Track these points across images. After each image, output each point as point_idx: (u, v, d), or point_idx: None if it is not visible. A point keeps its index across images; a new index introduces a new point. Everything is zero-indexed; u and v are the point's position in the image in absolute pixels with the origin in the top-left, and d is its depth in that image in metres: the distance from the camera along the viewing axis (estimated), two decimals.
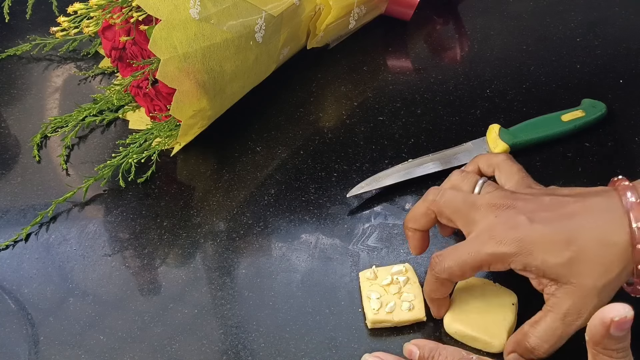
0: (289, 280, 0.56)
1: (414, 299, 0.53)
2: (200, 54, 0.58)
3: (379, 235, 0.59)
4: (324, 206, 0.62)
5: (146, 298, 0.56)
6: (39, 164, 0.67)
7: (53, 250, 0.59)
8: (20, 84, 0.75)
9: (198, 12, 0.58)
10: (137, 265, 0.58)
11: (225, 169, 0.65)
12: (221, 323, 0.54)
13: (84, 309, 0.55)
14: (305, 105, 0.71)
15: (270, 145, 0.67)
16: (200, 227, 0.60)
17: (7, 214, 0.62)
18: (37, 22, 0.80)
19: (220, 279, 0.57)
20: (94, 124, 0.70)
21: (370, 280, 0.55)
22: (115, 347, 0.53)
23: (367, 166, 0.65)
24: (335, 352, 0.52)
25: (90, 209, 0.62)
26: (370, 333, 0.53)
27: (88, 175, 0.64)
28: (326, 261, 0.58)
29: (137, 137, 0.65)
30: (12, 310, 0.55)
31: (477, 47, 0.77)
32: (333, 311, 0.54)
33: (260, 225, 0.60)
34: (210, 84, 0.60)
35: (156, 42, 0.56)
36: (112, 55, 0.65)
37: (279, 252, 0.59)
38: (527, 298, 0.54)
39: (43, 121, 0.70)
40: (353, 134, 0.68)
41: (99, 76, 0.75)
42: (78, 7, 0.61)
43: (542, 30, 0.78)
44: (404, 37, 0.79)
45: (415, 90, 0.72)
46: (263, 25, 0.62)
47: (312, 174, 0.64)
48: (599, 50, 0.75)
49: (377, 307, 0.52)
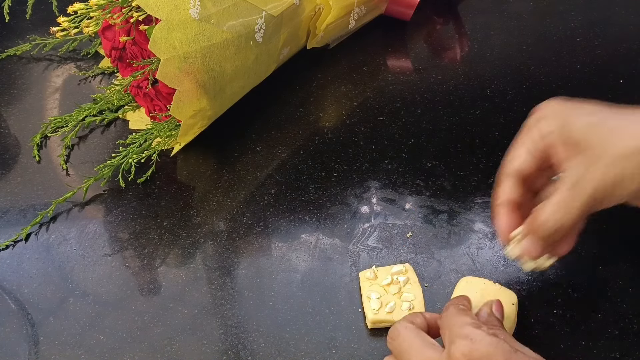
0: (289, 280, 0.56)
1: (414, 299, 0.53)
2: (200, 54, 0.58)
3: (379, 235, 0.59)
4: (324, 206, 0.62)
5: (146, 298, 0.56)
6: (39, 164, 0.67)
7: (53, 250, 0.59)
8: (20, 84, 0.75)
9: (198, 12, 0.58)
10: (137, 265, 0.58)
11: (225, 169, 0.65)
12: (221, 323, 0.54)
13: (84, 309, 0.55)
14: (305, 105, 0.71)
15: (270, 145, 0.67)
16: (200, 227, 0.60)
17: (7, 214, 0.62)
18: (37, 22, 0.80)
19: (220, 279, 0.57)
20: (94, 124, 0.70)
21: (370, 280, 0.55)
22: (115, 347, 0.53)
23: (367, 166, 0.65)
24: (335, 352, 0.52)
25: (90, 209, 0.62)
26: (370, 333, 0.53)
27: (88, 175, 0.64)
28: (326, 261, 0.58)
29: (137, 137, 0.65)
30: (12, 310, 0.55)
31: (477, 47, 0.77)
32: (333, 311, 0.54)
33: (260, 225, 0.60)
34: (210, 84, 0.60)
35: (156, 42, 0.56)
36: (112, 55, 0.65)
37: (279, 252, 0.59)
38: (527, 298, 0.54)
39: (43, 121, 0.70)
40: (353, 134, 0.68)
41: (99, 76, 0.75)
42: (78, 7, 0.61)
43: (542, 30, 0.78)
44: (404, 37, 0.79)
45: (415, 90, 0.72)
46: (263, 25, 0.62)
47: (312, 174, 0.64)
48: (599, 50, 0.75)
49: (377, 307, 0.52)
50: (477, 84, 0.72)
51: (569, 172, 0.45)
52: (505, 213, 0.49)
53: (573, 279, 0.55)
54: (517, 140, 0.49)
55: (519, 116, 0.68)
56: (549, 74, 0.73)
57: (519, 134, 0.49)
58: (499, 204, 0.49)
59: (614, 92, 0.70)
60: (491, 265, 0.57)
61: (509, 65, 0.74)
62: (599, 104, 0.47)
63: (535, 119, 0.49)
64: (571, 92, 0.70)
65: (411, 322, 0.46)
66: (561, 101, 0.48)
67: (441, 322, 0.45)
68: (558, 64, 0.74)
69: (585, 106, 0.47)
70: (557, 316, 0.53)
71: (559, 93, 0.70)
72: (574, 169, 0.45)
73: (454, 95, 0.71)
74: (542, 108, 0.49)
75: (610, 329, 0.52)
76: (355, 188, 0.63)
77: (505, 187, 0.49)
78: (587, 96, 0.68)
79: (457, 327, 0.43)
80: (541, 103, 0.49)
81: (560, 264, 0.53)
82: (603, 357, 0.50)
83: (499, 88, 0.72)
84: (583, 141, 0.45)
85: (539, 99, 0.70)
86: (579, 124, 0.46)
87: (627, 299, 0.54)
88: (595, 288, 0.54)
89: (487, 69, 0.74)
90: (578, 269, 0.56)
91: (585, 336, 0.52)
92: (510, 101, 0.70)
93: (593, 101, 0.48)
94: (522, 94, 0.71)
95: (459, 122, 0.68)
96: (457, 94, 0.71)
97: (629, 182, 0.43)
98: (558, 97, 0.48)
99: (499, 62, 0.75)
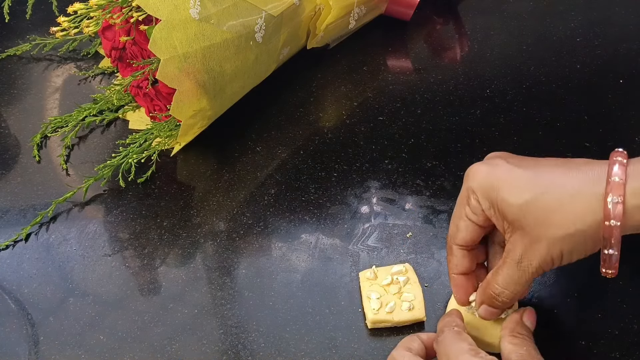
0: (289, 280, 0.56)
1: (414, 299, 0.53)
2: (200, 54, 0.58)
3: (379, 235, 0.59)
4: (324, 206, 0.62)
5: (146, 298, 0.56)
6: (39, 164, 0.67)
7: (53, 250, 0.59)
8: (20, 84, 0.75)
9: (198, 12, 0.57)
10: (137, 265, 0.58)
11: (225, 169, 0.65)
12: (221, 323, 0.54)
13: (84, 309, 0.55)
14: (305, 105, 0.71)
15: (270, 145, 0.67)
16: (200, 227, 0.60)
17: (7, 214, 0.62)
18: (37, 22, 0.80)
19: (220, 279, 0.57)
20: (94, 124, 0.70)
21: (370, 280, 0.55)
22: (115, 347, 0.53)
23: (367, 166, 0.65)
24: (335, 352, 0.52)
25: (90, 209, 0.62)
26: (370, 333, 0.53)
27: (88, 175, 0.64)
28: (326, 261, 0.58)
29: (137, 137, 0.65)
30: (12, 310, 0.55)
31: (477, 47, 0.77)
32: (333, 311, 0.54)
33: (260, 225, 0.60)
34: (210, 84, 0.60)
35: (156, 42, 0.56)
36: (112, 55, 0.65)
37: (279, 252, 0.58)
38: (527, 298, 0.54)
39: (43, 121, 0.70)
40: (353, 134, 0.68)
41: (99, 76, 0.75)
42: (78, 7, 0.61)
43: (542, 30, 0.78)
44: (404, 37, 0.79)
45: (415, 90, 0.72)
46: (263, 25, 0.62)
47: (312, 174, 0.64)
48: (599, 50, 0.75)
49: (377, 307, 0.52)
50: (477, 84, 0.72)
51: (512, 246, 0.46)
52: (460, 285, 0.50)
53: (573, 279, 0.55)
54: (456, 209, 0.49)
55: (519, 116, 0.68)
56: (549, 74, 0.73)
57: (458, 200, 0.49)
58: (454, 276, 0.50)
59: (614, 92, 0.70)
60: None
61: (509, 65, 0.74)
62: (521, 164, 0.46)
63: (466, 193, 0.48)
64: (571, 92, 0.70)
65: (408, 349, 0.46)
66: (485, 170, 0.47)
67: (438, 347, 0.46)
68: (558, 64, 0.74)
69: (509, 176, 0.46)
70: (557, 316, 0.53)
71: (559, 93, 0.71)
72: (517, 244, 0.45)
73: (454, 95, 0.71)
74: (469, 178, 0.48)
75: (610, 329, 0.52)
76: (355, 188, 0.63)
77: (456, 259, 0.50)
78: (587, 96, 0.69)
79: (454, 355, 0.44)
80: (469, 168, 0.48)
81: None
82: (603, 357, 0.50)
83: (499, 88, 0.72)
84: (518, 222, 0.45)
85: (539, 99, 0.71)
86: (510, 204, 0.45)
87: (627, 299, 0.54)
88: (596, 288, 0.54)
89: (487, 69, 0.74)
90: (578, 269, 0.56)
91: (585, 336, 0.52)
92: (510, 101, 0.70)
93: (514, 158, 0.47)
94: (522, 94, 0.71)
95: (459, 122, 0.68)
96: (457, 94, 0.71)
97: (574, 255, 0.45)
98: (482, 163, 0.48)
99: (499, 62, 0.75)
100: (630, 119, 0.67)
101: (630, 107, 0.68)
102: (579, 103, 0.69)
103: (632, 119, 0.67)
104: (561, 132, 0.67)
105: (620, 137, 0.65)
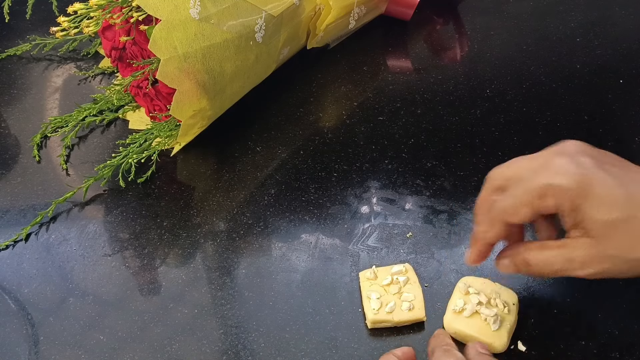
0: (289, 280, 0.56)
1: (414, 299, 0.53)
2: (200, 54, 0.58)
3: (379, 235, 0.59)
4: (324, 206, 0.62)
5: (146, 298, 0.56)
6: (39, 164, 0.67)
7: (53, 250, 0.59)
8: (20, 84, 0.75)
9: (198, 12, 0.58)
10: (137, 265, 0.58)
11: (225, 169, 0.65)
12: (221, 323, 0.54)
13: (84, 309, 0.55)
14: (305, 105, 0.71)
15: (270, 145, 0.67)
16: (200, 227, 0.60)
17: (7, 214, 0.62)
18: (37, 22, 0.80)
19: (220, 279, 0.57)
20: (94, 124, 0.70)
21: (370, 280, 0.55)
22: (115, 347, 0.53)
23: (367, 166, 0.65)
24: (335, 352, 0.52)
25: (90, 209, 0.62)
26: (370, 333, 0.53)
27: (88, 175, 0.64)
28: (326, 261, 0.58)
29: (137, 137, 0.65)
30: (12, 310, 0.55)
31: (477, 47, 0.77)
32: (333, 311, 0.54)
33: (260, 225, 0.60)
34: (210, 84, 0.60)
35: (156, 42, 0.56)
36: (112, 55, 0.65)
37: (279, 252, 0.59)
38: (527, 298, 0.54)
39: (43, 121, 0.70)
40: (353, 134, 0.68)
41: (99, 76, 0.75)
42: (78, 7, 0.61)
43: (542, 30, 0.78)
44: (404, 37, 0.79)
45: (415, 90, 0.72)
46: (263, 25, 0.62)
47: (312, 174, 0.64)
48: (599, 50, 0.75)
49: (377, 307, 0.52)
50: (477, 84, 0.72)
51: (575, 245, 0.44)
52: (484, 253, 0.50)
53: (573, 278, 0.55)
54: (522, 194, 0.45)
55: (519, 116, 0.68)
56: (549, 74, 0.73)
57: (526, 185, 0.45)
58: (484, 243, 0.49)
59: (614, 92, 0.70)
60: (491, 265, 0.56)
61: (509, 65, 0.74)
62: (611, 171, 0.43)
63: (541, 187, 0.44)
64: (571, 92, 0.70)
65: None
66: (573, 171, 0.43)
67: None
68: (558, 64, 0.74)
69: (600, 188, 0.42)
70: (557, 316, 0.53)
71: (559, 93, 0.71)
72: (583, 248, 0.43)
73: (454, 95, 0.71)
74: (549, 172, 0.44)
75: (610, 329, 0.52)
76: (355, 188, 0.63)
77: (495, 233, 0.48)
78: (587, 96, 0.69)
79: None
80: (562, 143, 0.45)
81: None
82: (603, 357, 0.50)
83: (499, 88, 0.72)
84: (596, 233, 0.43)
85: (539, 99, 0.71)
86: (595, 220, 0.42)
87: (627, 298, 0.54)
88: (596, 288, 0.54)
89: (487, 69, 0.74)
90: None
91: (585, 336, 0.52)
92: (510, 101, 0.70)
93: (602, 159, 0.44)
94: (522, 94, 0.71)
95: (459, 122, 0.68)
96: (457, 94, 0.71)
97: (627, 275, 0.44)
98: (565, 158, 0.44)
99: (499, 62, 0.75)
100: (630, 119, 0.67)
101: (630, 107, 0.68)
102: (579, 103, 0.69)
103: (632, 119, 0.67)
104: (561, 132, 0.67)
105: (620, 137, 0.66)
